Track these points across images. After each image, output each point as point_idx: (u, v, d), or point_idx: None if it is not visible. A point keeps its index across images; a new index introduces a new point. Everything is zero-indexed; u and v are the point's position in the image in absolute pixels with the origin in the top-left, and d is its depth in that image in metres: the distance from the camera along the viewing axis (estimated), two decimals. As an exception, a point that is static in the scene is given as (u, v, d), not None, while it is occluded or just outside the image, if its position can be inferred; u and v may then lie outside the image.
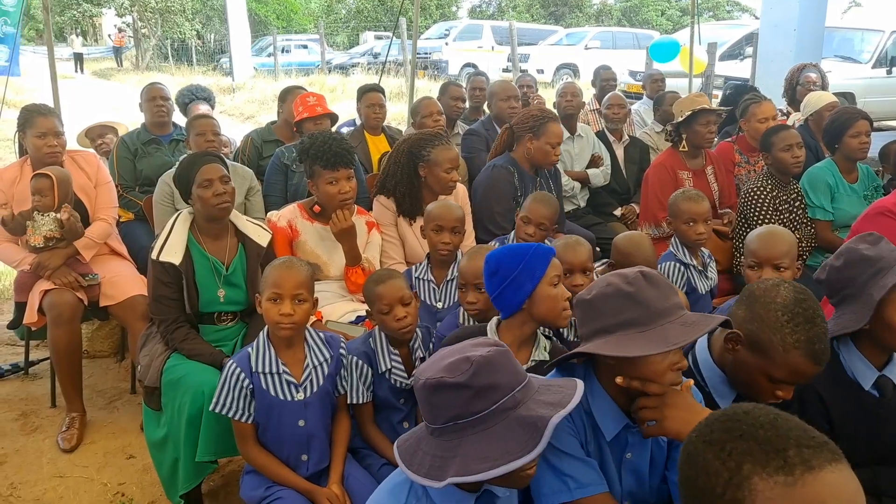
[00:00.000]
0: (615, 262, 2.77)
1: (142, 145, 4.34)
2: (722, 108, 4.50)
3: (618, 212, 4.98)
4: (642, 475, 1.69)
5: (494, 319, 2.13)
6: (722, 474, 1.00)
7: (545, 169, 3.91)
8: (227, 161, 3.72)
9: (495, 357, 1.42)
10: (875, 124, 4.77)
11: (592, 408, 1.66)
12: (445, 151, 3.35)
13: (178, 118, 4.78)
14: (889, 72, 10.53)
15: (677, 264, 3.10)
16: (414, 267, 3.02)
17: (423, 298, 2.92)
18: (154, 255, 2.69)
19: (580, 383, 1.49)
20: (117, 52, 29.31)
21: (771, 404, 1.53)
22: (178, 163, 2.90)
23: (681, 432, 1.54)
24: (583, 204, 4.94)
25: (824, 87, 5.62)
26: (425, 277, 2.95)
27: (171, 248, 2.69)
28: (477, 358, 1.40)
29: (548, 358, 2.07)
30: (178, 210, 3.01)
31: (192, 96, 5.32)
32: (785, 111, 5.70)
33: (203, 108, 5.01)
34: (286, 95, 4.60)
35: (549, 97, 7.51)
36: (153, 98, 4.44)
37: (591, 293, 1.65)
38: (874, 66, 10.66)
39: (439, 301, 2.91)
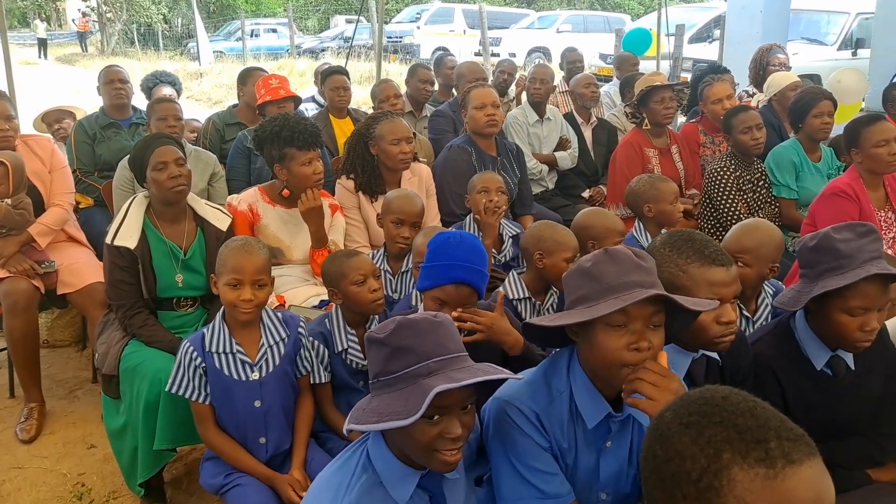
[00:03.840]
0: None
1: (100, 129, 4.24)
2: (674, 83, 4.51)
3: (586, 194, 4.98)
4: (622, 464, 1.65)
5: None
6: (699, 460, 0.97)
7: (486, 137, 3.78)
8: (185, 144, 3.68)
9: (421, 323, 1.42)
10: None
11: (575, 395, 1.61)
12: (389, 124, 3.32)
13: (141, 103, 4.68)
14: (854, 53, 10.63)
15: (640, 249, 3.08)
16: (371, 254, 2.99)
17: None
18: (109, 240, 2.64)
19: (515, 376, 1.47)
20: (82, 37, 28.65)
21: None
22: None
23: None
24: (551, 186, 4.93)
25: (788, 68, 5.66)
26: (382, 267, 2.93)
27: (126, 232, 2.64)
28: (402, 319, 1.42)
29: None
30: (138, 195, 2.95)
31: (156, 80, 5.21)
32: (751, 92, 5.73)
33: (167, 90, 4.91)
34: (246, 77, 4.52)
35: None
36: (111, 81, 4.33)
37: (566, 274, 1.64)
38: (839, 48, 10.76)
39: (395, 292, 2.89)
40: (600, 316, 1.46)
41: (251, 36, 22.34)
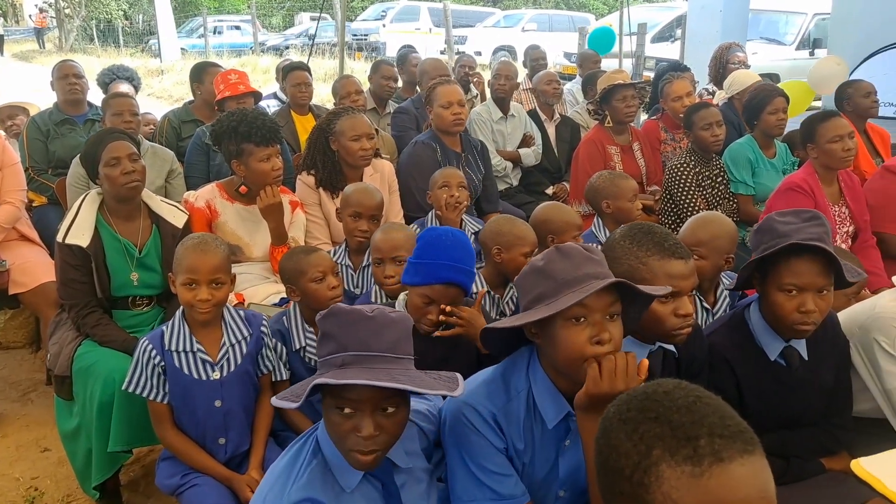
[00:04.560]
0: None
1: (54, 126, 4.14)
2: (636, 81, 4.55)
3: (550, 190, 4.99)
4: (580, 461, 1.63)
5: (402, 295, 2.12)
6: (632, 456, 0.96)
7: (451, 135, 3.80)
8: (142, 141, 3.61)
9: (350, 314, 1.43)
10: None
11: (535, 395, 1.60)
12: (350, 120, 3.29)
13: (98, 99, 4.58)
14: (811, 53, 10.85)
15: (598, 245, 3.10)
16: (332, 251, 2.97)
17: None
18: (60, 238, 2.57)
19: (460, 386, 1.47)
20: (39, 33, 28.00)
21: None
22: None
23: None
24: (515, 183, 4.95)
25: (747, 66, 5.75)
26: (343, 262, 2.91)
27: (79, 229, 2.57)
28: (336, 306, 1.45)
29: None
30: (94, 193, 2.88)
31: (112, 76, 5.10)
32: (711, 90, 5.81)
33: (123, 87, 4.80)
34: (200, 74, 4.44)
35: (487, 78, 7.49)
36: (65, 76, 4.23)
37: (519, 276, 1.63)
38: (797, 48, 10.98)
39: (357, 287, 2.87)
40: (560, 311, 1.45)
41: (214, 33, 22.04)
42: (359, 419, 1.38)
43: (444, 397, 1.66)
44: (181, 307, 2.22)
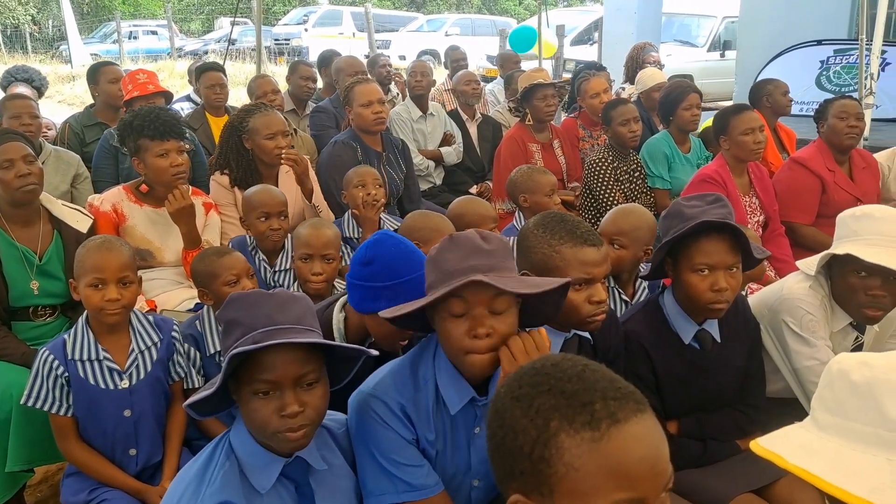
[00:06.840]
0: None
1: (-53, 130, 3.90)
2: (556, 81, 4.62)
3: (473, 189, 5.00)
4: None
5: (343, 298, 2.00)
6: (530, 432, 0.94)
7: (372, 134, 3.76)
8: (44, 144, 3.44)
9: (251, 296, 1.41)
10: (711, 104, 5.07)
11: (438, 381, 1.57)
12: (264, 118, 3.20)
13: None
14: (722, 55, 11.29)
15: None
16: (248, 238, 2.88)
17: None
18: (-50, 246, 2.41)
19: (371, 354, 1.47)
20: (-61, 38, 26.53)
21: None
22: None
23: None
24: (439, 182, 4.95)
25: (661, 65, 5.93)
26: (261, 259, 2.83)
27: (-30, 236, 2.42)
28: (234, 294, 1.43)
29: None
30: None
31: (11, 78, 4.85)
32: (626, 89, 5.95)
33: (21, 88, 4.57)
34: (95, 76, 4.28)
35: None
36: (-42, 78, 4.00)
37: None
38: (709, 50, 11.42)
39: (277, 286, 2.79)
40: (441, 305, 1.45)
41: (130, 38, 21.32)
42: (280, 398, 1.35)
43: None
44: (85, 313, 2.11)
